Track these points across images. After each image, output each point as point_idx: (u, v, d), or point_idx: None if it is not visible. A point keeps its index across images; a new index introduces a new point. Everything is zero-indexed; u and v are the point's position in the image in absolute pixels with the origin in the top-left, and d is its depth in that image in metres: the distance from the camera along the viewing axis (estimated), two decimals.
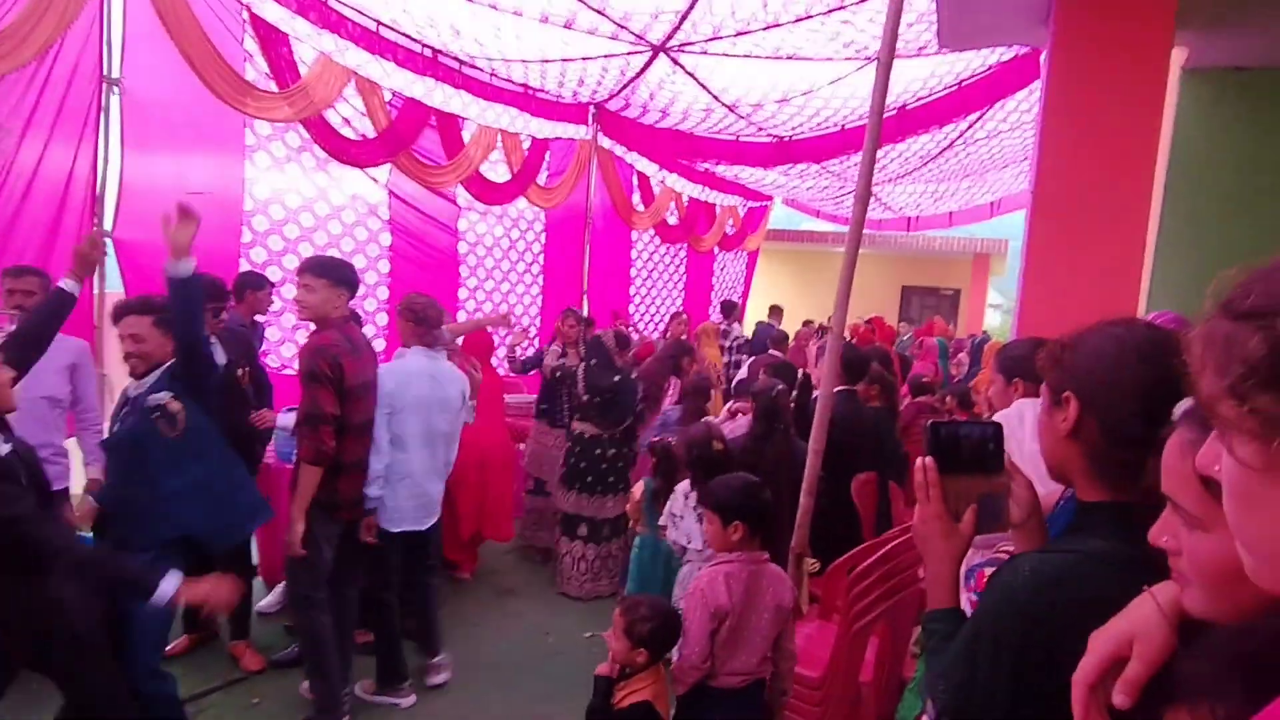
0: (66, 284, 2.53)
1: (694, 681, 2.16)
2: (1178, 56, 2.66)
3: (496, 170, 6.32)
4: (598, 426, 4.31)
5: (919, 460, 1.15)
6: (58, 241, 3.68)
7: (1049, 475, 1.15)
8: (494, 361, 5.01)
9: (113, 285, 3.96)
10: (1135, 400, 0.98)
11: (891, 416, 4.29)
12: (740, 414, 4.02)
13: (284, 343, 5.05)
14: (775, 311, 9.50)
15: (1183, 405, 0.90)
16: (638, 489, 3.42)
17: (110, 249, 3.90)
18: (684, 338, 6.81)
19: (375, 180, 5.49)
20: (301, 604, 2.93)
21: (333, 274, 2.89)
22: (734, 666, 2.20)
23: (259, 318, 4.01)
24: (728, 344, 8.05)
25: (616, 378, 4.26)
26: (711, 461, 2.86)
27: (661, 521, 3.02)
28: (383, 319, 5.64)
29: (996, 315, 18.12)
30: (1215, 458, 0.56)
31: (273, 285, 4.11)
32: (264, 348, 4.44)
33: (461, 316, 5.96)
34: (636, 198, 8.13)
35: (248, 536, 2.69)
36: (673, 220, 8.88)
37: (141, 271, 4.03)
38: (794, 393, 3.87)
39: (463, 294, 6.41)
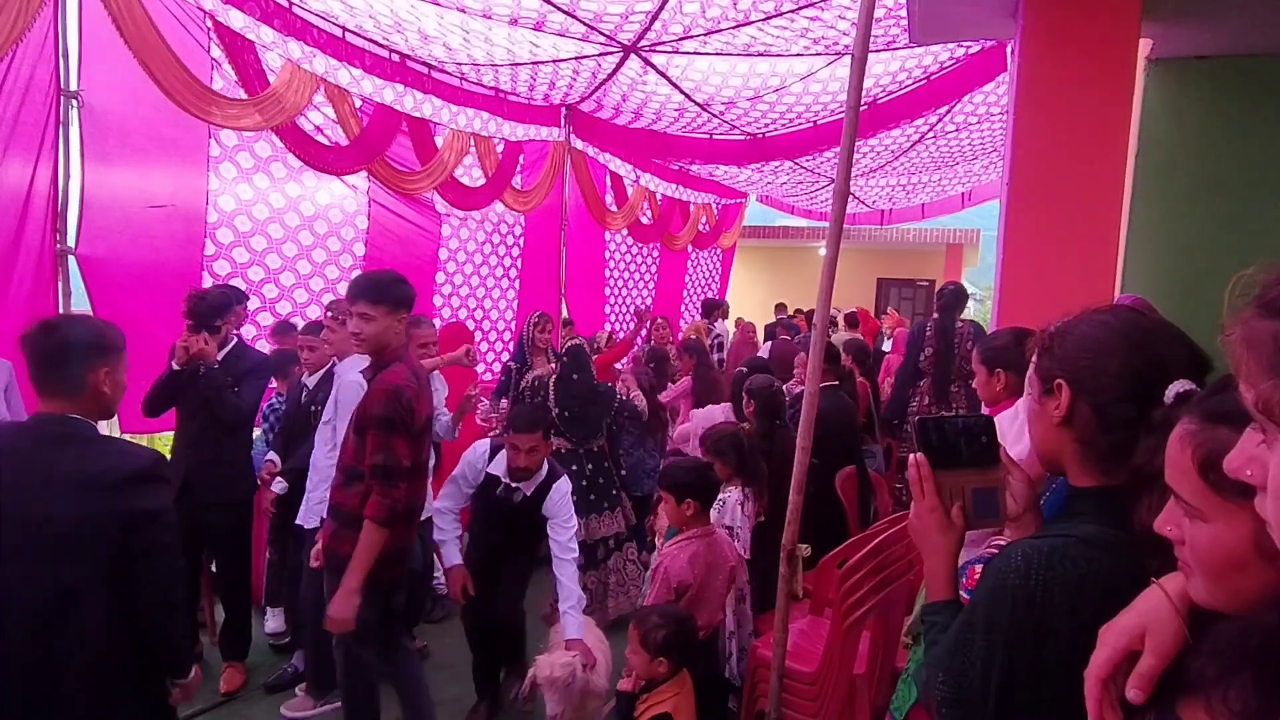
0: None
1: None
2: (1142, 47, 2.71)
3: (471, 175, 6.26)
4: (570, 442, 4.04)
5: (911, 456, 1.16)
6: (19, 259, 3.57)
7: (1041, 465, 1.16)
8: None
9: (79, 303, 3.85)
10: (1125, 384, 0.99)
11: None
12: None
13: None
14: (780, 308, 9.89)
15: (1175, 387, 0.91)
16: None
17: (73, 265, 3.80)
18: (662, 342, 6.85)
19: (355, 189, 5.41)
20: (352, 669, 2.57)
21: (391, 297, 2.45)
22: (699, 624, 2.47)
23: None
24: (709, 341, 8.08)
25: (592, 388, 4.00)
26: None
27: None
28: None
29: (970, 304, 18.37)
30: (1247, 461, 0.56)
31: (238, 300, 3.99)
32: None
33: (436, 323, 5.86)
34: (609, 198, 8.11)
35: None
36: (645, 219, 8.86)
37: (106, 287, 3.92)
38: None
39: (437, 301, 6.33)
